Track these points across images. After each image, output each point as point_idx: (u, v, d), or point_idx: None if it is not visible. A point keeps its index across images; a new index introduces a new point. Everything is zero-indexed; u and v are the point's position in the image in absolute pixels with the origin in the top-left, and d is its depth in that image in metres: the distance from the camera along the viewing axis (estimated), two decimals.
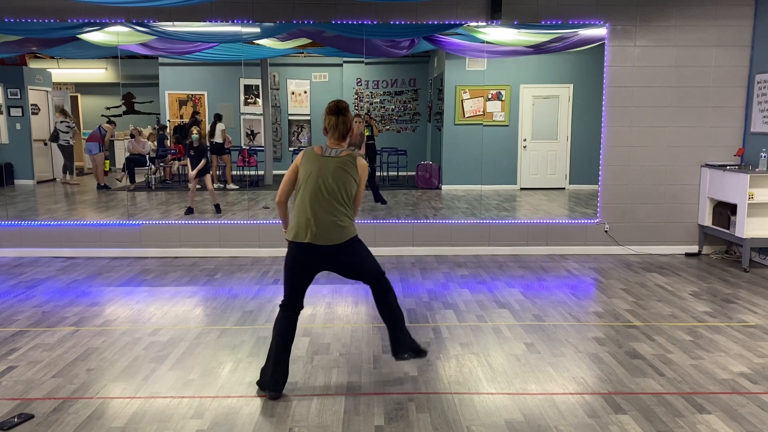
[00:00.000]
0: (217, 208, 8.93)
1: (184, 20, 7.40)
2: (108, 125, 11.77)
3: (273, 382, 3.81)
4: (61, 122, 11.42)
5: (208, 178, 9.12)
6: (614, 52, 7.50)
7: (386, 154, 12.15)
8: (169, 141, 12.33)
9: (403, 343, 3.97)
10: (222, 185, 11.34)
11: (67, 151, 11.56)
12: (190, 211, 8.75)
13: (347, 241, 3.79)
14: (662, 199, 7.72)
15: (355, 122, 9.19)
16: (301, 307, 3.91)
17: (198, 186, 9.22)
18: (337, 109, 3.83)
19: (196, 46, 8.61)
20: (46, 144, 11.60)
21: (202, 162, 9.04)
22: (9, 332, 4.92)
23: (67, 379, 4.04)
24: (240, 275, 6.70)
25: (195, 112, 12.94)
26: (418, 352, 4.04)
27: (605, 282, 6.49)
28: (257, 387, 3.91)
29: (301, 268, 3.81)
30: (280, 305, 3.90)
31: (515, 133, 11.08)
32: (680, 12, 7.42)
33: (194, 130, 9.17)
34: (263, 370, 3.90)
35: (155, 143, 11.89)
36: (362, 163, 3.84)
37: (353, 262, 3.88)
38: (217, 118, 11.87)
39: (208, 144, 10.56)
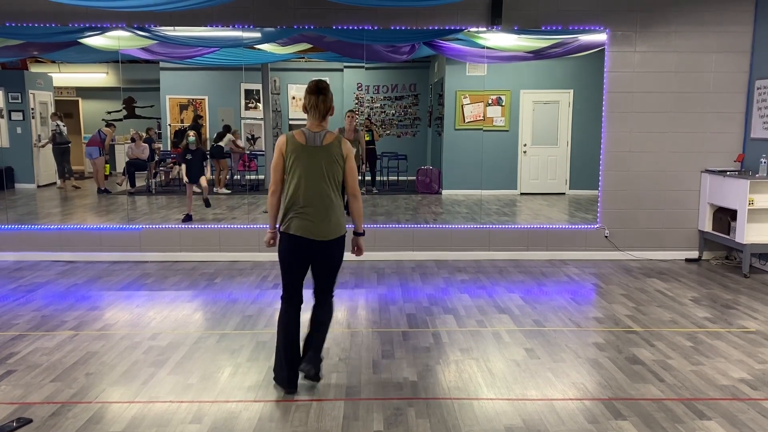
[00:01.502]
0: (206, 203, 8.90)
1: (185, 25, 7.42)
2: (107, 129, 11.77)
3: (288, 378, 3.89)
4: (57, 125, 11.43)
5: (202, 179, 9.04)
6: (614, 58, 7.51)
7: (386, 158, 12.16)
8: (153, 145, 12.29)
9: (311, 359, 3.95)
10: (211, 187, 11.33)
11: (66, 154, 11.56)
12: (188, 218, 8.63)
13: (338, 238, 3.84)
14: (662, 204, 7.72)
15: (347, 117, 9.20)
16: (301, 301, 3.96)
17: (197, 190, 9.17)
18: (317, 88, 3.78)
19: (197, 50, 8.62)
20: (41, 146, 11.56)
21: (206, 175, 9.00)
22: (8, 336, 4.91)
23: (66, 383, 4.03)
24: (240, 279, 6.70)
25: (198, 116, 12.93)
26: (315, 375, 4.00)
27: (605, 287, 6.49)
28: (274, 383, 3.99)
29: (295, 258, 3.84)
30: (281, 298, 3.96)
31: (515, 138, 11.09)
32: (680, 18, 7.43)
33: (191, 133, 9.12)
34: (276, 368, 4.00)
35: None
36: (346, 145, 3.82)
37: (330, 264, 3.90)
38: (227, 129, 11.90)
39: (207, 149, 10.52)
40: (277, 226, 3.93)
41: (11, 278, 6.71)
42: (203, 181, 9.06)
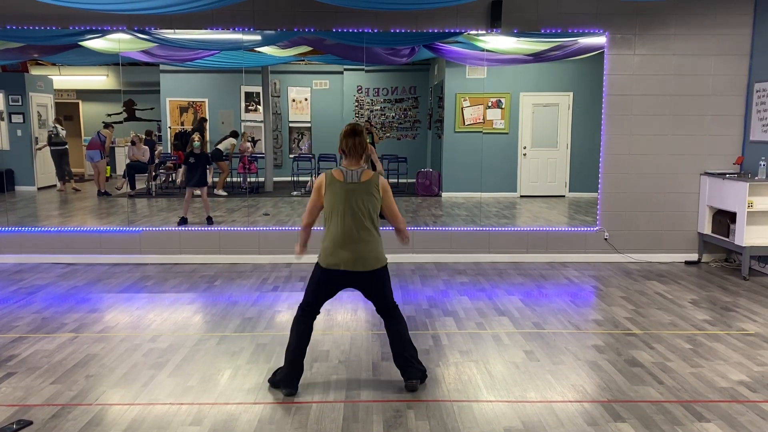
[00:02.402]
0: (209, 221, 8.62)
1: (186, 28, 7.43)
2: (106, 130, 11.76)
3: (290, 380, 3.97)
4: (54, 127, 11.45)
5: (204, 189, 8.86)
6: (614, 61, 7.53)
7: (386, 161, 12.15)
8: (157, 148, 12.30)
9: (413, 369, 4.05)
10: (211, 189, 11.32)
11: (65, 156, 11.58)
12: (183, 221, 8.51)
13: (380, 268, 3.99)
14: (662, 207, 7.73)
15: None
16: (318, 313, 4.11)
17: (197, 193, 9.10)
18: (353, 131, 4.00)
19: (198, 53, 8.64)
20: (38, 149, 11.57)
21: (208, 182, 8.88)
22: (8, 338, 4.92)
23: (66, 386, 4.04)
24: (240, 282, 6.70)
25: (202, 119, 12.93)
26: (424, 376, 4.14)
27: (605, 290, 6.49)
28: (269, 385, 4.05)
29: (330, 286, 4.02)
30: (300, 307, 4.07)
31: (515, 140, 11.10)
32: (679, 21, 7.45)
33: (196, 137, 9.04)
34: (277, 371, 4.09)
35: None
36: (383, 181, 4.04)
37: (378, 289, 4.04)
38: (233, 135, 11.90)
39: (209, 152, 10.47)
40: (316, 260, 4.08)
41: (11, 280, 6.72)
42: (204, 193, 8.83)
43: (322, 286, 4.01)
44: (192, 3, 6.61)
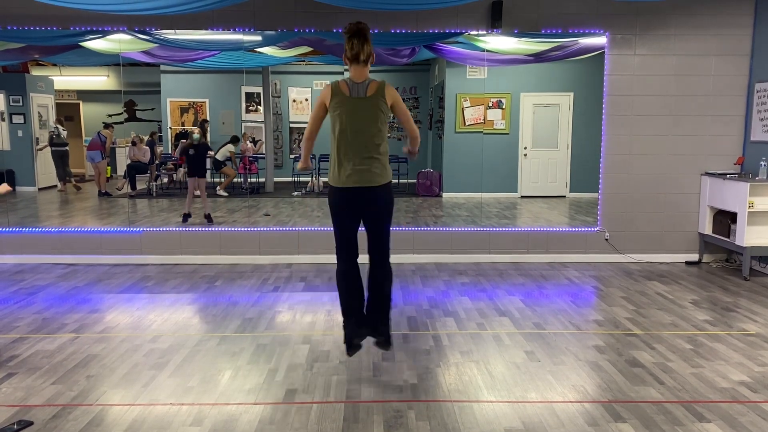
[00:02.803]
0: (209, 218, 8.68)
1: (186, 28, 7.43)
2: (106, 131, 11.76)
3: (352, 329, 3.98)
4: (56, 127, 11.47)
5: (203, 183, 8.91)
6: (614, 61, 7.52)
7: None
8: (157, 148, 12.30)
9: (381, 330, 4.02)
10: (211, 189, 11.34)
11: (65, 157, 11.59)
12: (187, 217, 8.62)
13: (384, 185, 3.83)
14: (662, 207, 7.72)
15: None
16: (357, 256, 3.96)
17: (197, 193, 9.11)
18: (358, 31, 3.72)
19: (198, 54, 8.64)
20: (38, 149, 11.59)
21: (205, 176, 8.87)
22: (9, 339, 4.92)
23: (66, 386, 4.04)
24: (240, 282, 6.70)
25: (204, 121, 12.94)
26: (386, 342, 4.09)
27: (605, 290, 6.49)
28: (348, 354, 4.09)
29: (346, 210, 3.86)
30: (337, 256, 3.97)
31: (516, 141, 11.09)
32: (680, 21, 7.45)
33: (196, 130, 9.09)
34: (347, 330, 4.05)
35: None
36: (390, 92, 3.79)
37: (377, 210, 3.88)
38: (234, 140, 11.90)
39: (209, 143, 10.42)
40: (326, 180, 3.99)
41: (12, 281, 6.72)
42: (203, 190, 8.87)
43: (340, 213, 3.87)
44: (192, 3, 6.61)
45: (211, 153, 9.37)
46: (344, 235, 3.94)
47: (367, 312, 4.07)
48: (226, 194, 11.28)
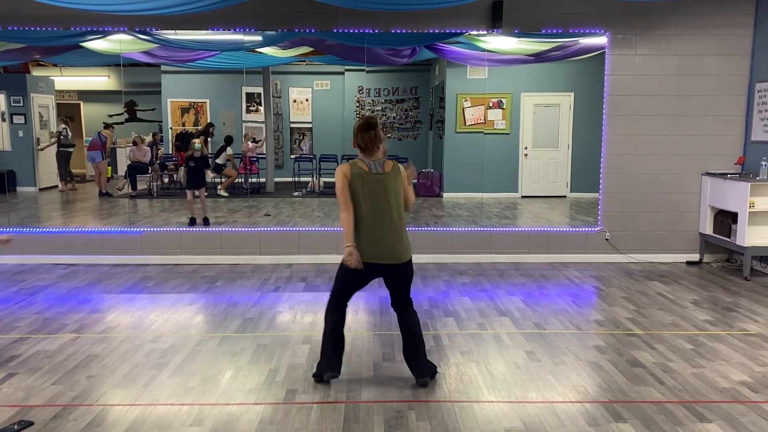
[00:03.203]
0: (206, 221, 8.60)
1: (187, 28, 7.44)
2: (107, 131, 11.77)
3: (333, 364, 4.08)
4: (64, 128, 11.49)
5: (202, 190, 8.81)
6: (615, 61, 7.52)
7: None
8: (159, 149, 12.31)
9: (422, 367, 4.09)
10: (212, 189, 11.35)
11: (69, 158, 11.63)
12: (193, 221, 8.57)
13: (409, 260, 4.04)
14: (663, 207, 7.72)
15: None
16: (348, 303, 4.18)
17: (197, 194, 9.05)
18: (368, 125, 4.00)
19: (198, 54, 8.65)
20: (40, 149, 11.62)
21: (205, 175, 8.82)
22: (10, 339, 4.92)
23: (67, 386, 4.04)
24: (241, 282, 6.70)
25: (210, 124, 12.92)
26: (433, 377, 4.17)
27: (606, 290, 6.49)
28: (314, 380, 4.13)
29: (363, 278, 4.05)
30: (332, 297, 4.13)
31: (516, 141, 11.09)
32: (680, 21, 7.44)
33: (196, 141, 9.00)
34: (323, 362, 4.12)
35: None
36: (401, 169, 4.06)
37: (403, 281, 4.08)
38: (227, 141, 11.90)
39: (209, 154, 10.38)
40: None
41: (13, 281, 6.73)
42: (202, 194, 8.78)
43: (355, 279, 4.04)
44: (193, 4, 6.62)
45: (208, 171, 9.27)
46: (348, 293, 4.14)
47: (412, 363, 4.14)
48: (226, 194, 11.28)
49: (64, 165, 11.60)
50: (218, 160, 11.53)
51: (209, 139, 11.96)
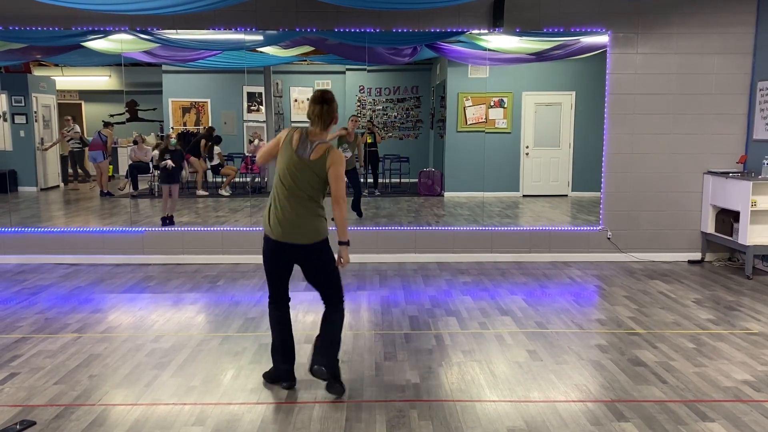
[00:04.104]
0: (170, 220, 8.53)
1: (188, 28, 7.44)
2: (107, 130, 11.78)
3: (286, 372, 3.99)
4: (70, 129, 11.57)
5: (176, 187, 8.76)
6: (616, 60, 7.51)
7: (389, 161, 12.17)
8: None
9: (325, 363, 3.91)
10: (214, 189, 11.38)
11: (83, 157, 11.72)
12: (166, 220, 8.45)
13: (314, 243, 3.75)
14: (665, 206, 7.71)
15: (351, 120, 9.31)
16: (287, 300, 4.00)
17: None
18: (323, 98, 3.74)
19: (200, 53, 8.65)
20: (44, 149, 11.66)
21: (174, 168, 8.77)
22: (12, 339, 4.92)
23: (69, 386, 4.04)
24: (242, 282, 6.70)
25: (211, 128, 12.92)
26: (333, 383, 3.93)
27: (608, 289, 6.48)
28: (264, 381, 4.07)
29: (275, 261, 3.85)
30: (269, 301, 4.00)
31: (517, 140, 11.09)
32: (682, 20, 7.43)
33: (172, 134, 9.04)
34: (273, 369, 4.06)
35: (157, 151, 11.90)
36: (333, 158, 3.70)
37: (316, 267, 3.84)
38: (216, 140, 11.92)
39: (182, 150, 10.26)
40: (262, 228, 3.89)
41: (14, 281, 6.73)
42: (175, 192, 8.72)
43: (268, 261, 3.84)
44: (194, 3, 6.61)
45: (185, 164, 9.30)
46: (275, 282, 3.92)
47: (315, 347, 3.99)
48: (228, 194, 11.29)
49: (76, 164, 11.68)
50: (213, 162, 11.56)
51: (217, 145, 11.95)
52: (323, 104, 3.74)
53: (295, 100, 13.76)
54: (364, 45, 7.64)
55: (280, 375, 4.02)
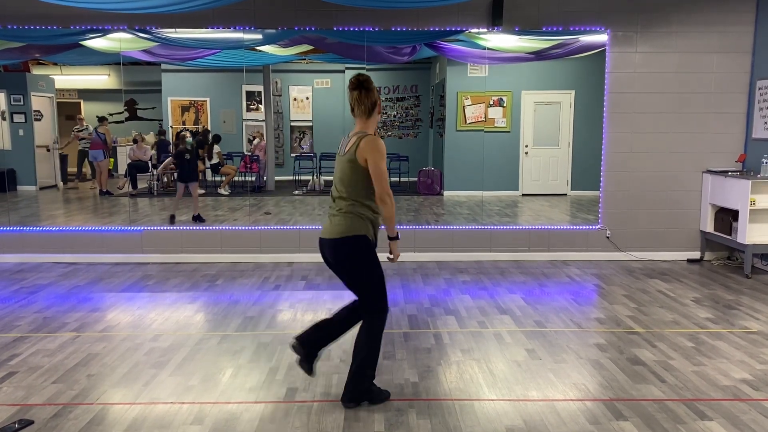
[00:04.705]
0: (199, 218, 8.64)
1: (187, 27, 7.43)
2: (103, 127, 11.76)
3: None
4: (82, 128, 11.66)
5: (195, 185, 8.84)
6: (615, 59, 7.51)
7: (388, 160, 12.13)
8: (171, 147, 12.35)
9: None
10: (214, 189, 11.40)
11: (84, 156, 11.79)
12: (173, 218, 8.56)
13: (333, 239, 3.56)
14: (664, 205, 7.71)
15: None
16: (357, 302, 3.78)
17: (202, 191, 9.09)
18: (358, 82, 3.59)
19: (199, 52, 8.64)
20: (60, 149, 11.73)
21: (168, 161, 8.84)
22: (10, 338, 4.92)
23: (67, 385, 4.04)
24: (241, 281, 6.70)
25: (206, 131, 12.96)
26: (304, 364, 3.79)
27: (607, 288, 6.48)
28: (369, 403, 3.77)
29: (326, 262, 3.74)
30: (382, 300, 3.82)
31: (517, 139, 11.09)
32: (681, 18, 7.43)
33: (188, 134, 9.10)
34: (374, 388, 3.83)
35: (155, 150, 11.90)
36: (362, 149, 3.48)
37: (339, 270, 3.69)
38: (215, 139, 11.93)
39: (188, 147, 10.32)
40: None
41: (13, 280, 6.73)
42: (195, 189, 8.82)
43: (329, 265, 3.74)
44: (192, 2, 6.61)
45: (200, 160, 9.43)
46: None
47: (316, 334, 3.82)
48: (227, 193, 11.29)
49: (84, 162, 11.73)
50: (212, 161, 11.58)
51: (216, 144, 11.97)
52: (360, 88, 3.59)
53: (295, 99, 13.76)
54: (363, 44, 7.63)
55: (381, 392, 3.79)
